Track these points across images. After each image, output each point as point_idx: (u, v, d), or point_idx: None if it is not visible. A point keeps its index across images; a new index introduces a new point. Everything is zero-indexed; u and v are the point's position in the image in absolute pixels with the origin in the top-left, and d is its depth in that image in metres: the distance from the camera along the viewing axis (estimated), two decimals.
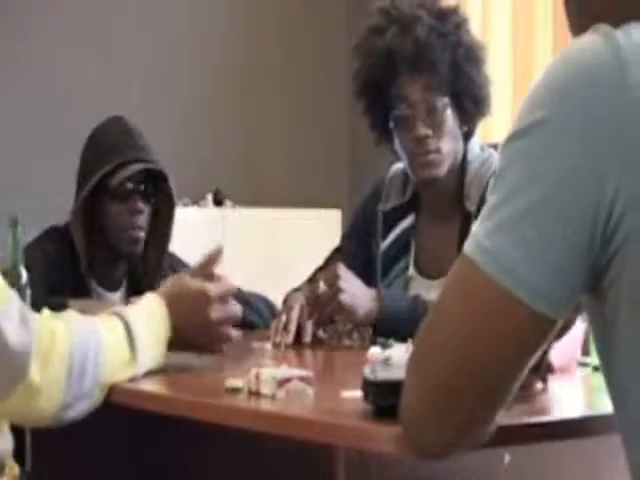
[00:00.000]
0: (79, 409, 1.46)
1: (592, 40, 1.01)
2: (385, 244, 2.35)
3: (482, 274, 1.01)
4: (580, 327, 1.53)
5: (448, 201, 2.27)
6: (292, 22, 5.06)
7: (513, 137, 1.02)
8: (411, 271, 2.31)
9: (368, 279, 2.26)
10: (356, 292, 2.05)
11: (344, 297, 2.02)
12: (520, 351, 1.03)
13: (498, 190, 1.02)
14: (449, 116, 2.23)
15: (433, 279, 2.23)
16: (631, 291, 1.00)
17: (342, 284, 2.03)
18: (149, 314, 1.57)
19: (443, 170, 2.24)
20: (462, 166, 2.28)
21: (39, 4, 4.27)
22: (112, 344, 1.49)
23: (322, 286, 2.05)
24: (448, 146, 2.23)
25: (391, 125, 2.26)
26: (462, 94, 2.24)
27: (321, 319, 2.07)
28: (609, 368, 1.07)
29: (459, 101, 2.25)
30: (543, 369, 1.43)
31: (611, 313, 1.03)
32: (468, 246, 1.04)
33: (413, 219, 2.35)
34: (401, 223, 2.35)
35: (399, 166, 2.39)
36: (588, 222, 0.98)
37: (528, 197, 0.99)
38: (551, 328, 1.03)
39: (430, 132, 2.22)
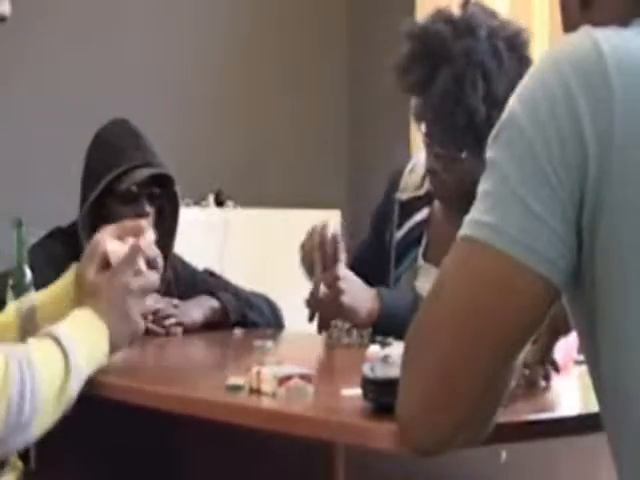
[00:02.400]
0: (14, 445, 1.44)
1: (574, 35, 1.06)
2: (399, 234, 2.34)
3: (486, 249, 1.01)
4: None
5: (467, 199, 2.23)
6: (292, 23, 5.06)
7: (502, 127, 1.06)
8: (420, 261, 2.30)
9: (380, 268, 2.27)
10: (357, 293, 2.05)
11: (345, 298, 2.02)
12: (524, 325, 1.03)
13: (491, 176, 1.04)
14: (463, 159, 2.15)
15: None
16: (604, 262, 1.02)
17: (342, 285, 2.03)
18: (78, 322, 1.54)
19: (452, 194, 2.21)
20: None
21: (42, 6, 4.29)
22: (47, 371, 1.44)
23: (323, 288, 2.05)
24: (458, 180, 2.16)
25: None
26: (483, 147, 2.14)
27: (323, 321, 2.07)
28: (595, 358, 1.08)
29: (480, 149, 2.15)
30: (548, 365, 1.44)
31: (589, 293, 1.04)
32: (465, 229, 1.04)
33: (428, 212, 2.34)
34: (416, 215, 2.34)
35: (421, 159, 2.34)
36: (576, 187, 1.00)
37: (523, 171, 1.01)
38: (555, 300, 1.03)
39: (439, 168, 2.18)
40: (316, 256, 2.07)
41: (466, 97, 2.06)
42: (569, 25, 1.17)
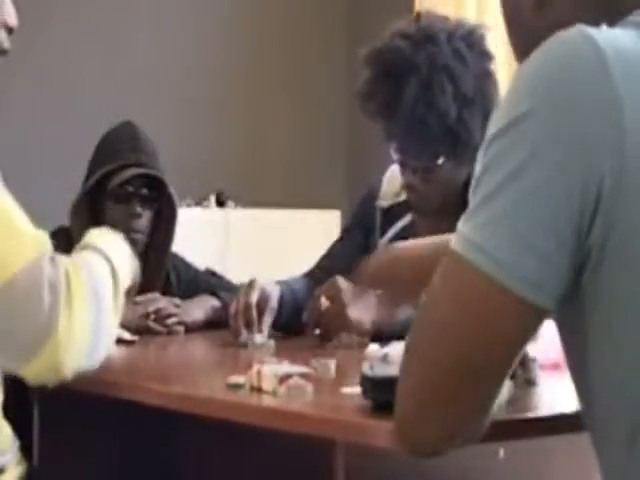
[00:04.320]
0: (103, 351, 1.44)
1: (568, 34, 1.01)
2: (383, 241, 2.34)
3: (471, 268, 1.00)
4: None
5: (449, 204, 2.24)
6: (293, 24, 5.08)
7: (494, 138, 1.01)
8: None
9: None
10: (361, 304, 2.03)
11: (351, 312, 2.00)
12: (510, 343, 1.03)
13: (482, 189, 1.01)
14: (440, 166, 2.16)
15: None
16: (610, 285, 1.00)
17: (346, 298, 2.01)
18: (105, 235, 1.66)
19: (433, 205, 2.22)
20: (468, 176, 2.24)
21: (46, 7, 4.30)
22: (108, 286, 1.48)
23: (324, 302, 2.04)
24: (438, 190, 2.19)
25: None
26: (458, 149, 2.14)
27: (327, 335, 2.06)
28: (582, 368, 1.08)
29: (456, 152, 2.14)
30: (530, 363, 1.45)
31: (589, 314, 1.03)
32: (455, 243, 1.03)
33: (410, 219, 2.33)
34: (399, 221, 2.35)
35: (397, 170, 2.32)
36: (575, 211, 0.98)
37: (516, 190, 0.98)
38: (541, 318, 1.03)
39: (416, 181, 2.19)
40: (240, 319, 2.09)
41: (436, 101, 2.07)
42: (522, 27, 1.13)
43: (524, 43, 1.13)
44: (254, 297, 2.10)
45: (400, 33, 2.17)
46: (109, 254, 1.55)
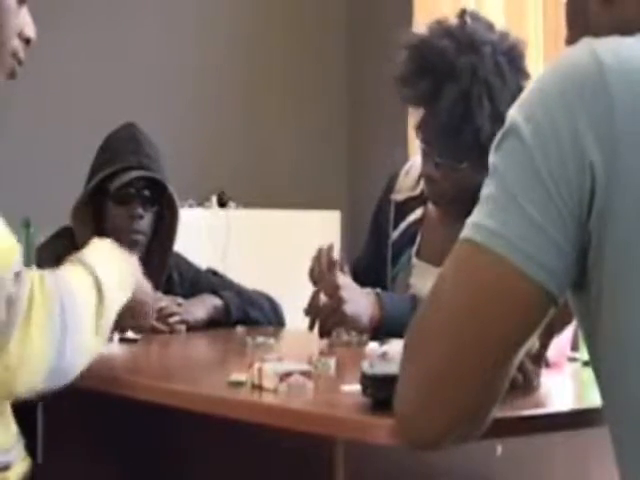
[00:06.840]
0: (71, 371, 1.41)
1: (575, 48, 1.07)
2: (395, 235, 2.35)
3: (485, 252, 1.03)
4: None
5: (461, 200, 2.25)
6: (293, 24, 5.08)
7: (504, 136, 1.07)
8: (413, 259, 2.32)
9: (378, 268, 2.30)
10: (358, 300, 2.05)
11: (347, 307, 2.02)
12: (520, 329, 1.05)
13: (493, 182, 1.06)
14: (462, 169, 2.16)
15: (436, 265, 2.20)
16: (612, 269, 1.03)
17: (343, 294, 2.03)
18: (101, 250, 1.58)
19: (447, 198, 2.23)
20: None
21: (48, 9, 4.31)
22: (83, 296, 1.43)
23: (322, 298, 2.05)
24: (455, 187, 2.19)
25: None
26: (484, 160, 2.15)
27: (324, 330, 2.07)
28: (597, 360, 1.10)
29: (482, 163, 2.17)
30: (542, 362, 1.46)
31: (595, 300, 1.06)
32: (466, 231, 1.06)
33: (422, 212, 2.35)
34: (411, 215, 2.36)
35: (417, 161, 2.36)
36: (576, 200, 1.02)
37: (524, 181, 1.03)
38: (551, 306, 1.05)
39: (436, 175, 2.19)
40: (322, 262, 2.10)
41: (473, 115, 2.07)
42: (591, 25, 1.16)
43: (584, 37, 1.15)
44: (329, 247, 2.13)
45: (445, 31, 2.14)
46: (96, 269, 1.48)
